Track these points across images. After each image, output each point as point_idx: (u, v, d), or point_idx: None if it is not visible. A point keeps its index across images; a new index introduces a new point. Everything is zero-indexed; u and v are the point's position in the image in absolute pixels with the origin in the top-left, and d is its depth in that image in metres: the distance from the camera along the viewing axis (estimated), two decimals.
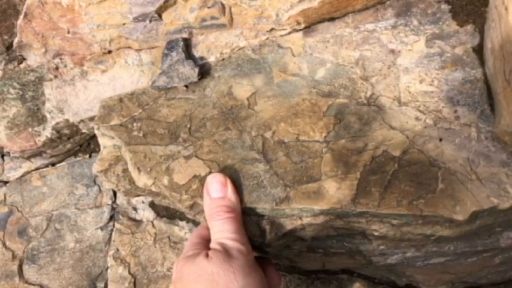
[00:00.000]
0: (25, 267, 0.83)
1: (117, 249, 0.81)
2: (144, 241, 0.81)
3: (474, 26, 0.60)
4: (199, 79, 0.64)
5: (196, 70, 0.64)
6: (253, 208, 0.53)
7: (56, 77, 0.76)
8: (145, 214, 0.84)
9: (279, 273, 0.59)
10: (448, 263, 0.69)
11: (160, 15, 0.65)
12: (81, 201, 0.86)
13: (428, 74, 0.59)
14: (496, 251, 0.66)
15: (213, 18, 0.66)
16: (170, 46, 0.67)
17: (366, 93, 0.60)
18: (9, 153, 0.86)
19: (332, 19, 0.66)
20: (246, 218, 0.54)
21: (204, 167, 0.57)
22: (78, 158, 0.90)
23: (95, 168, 0.65)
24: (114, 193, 0.87)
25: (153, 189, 0.58)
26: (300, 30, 0.67)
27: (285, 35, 0.67)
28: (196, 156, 0.58)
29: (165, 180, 0.56)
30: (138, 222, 0.84)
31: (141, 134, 0.61)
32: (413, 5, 0.64)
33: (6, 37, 0.75)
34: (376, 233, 0.56)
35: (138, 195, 0.74)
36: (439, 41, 0.61)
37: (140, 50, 0.71)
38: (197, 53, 0.68)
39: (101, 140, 0.65)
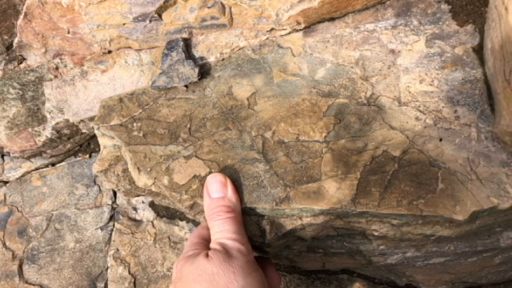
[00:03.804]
0: (25, 267, 0.83)
1: (117, 249, 0.81)
2: (144, 241, 0.81)
3: (474, 26, 0.60)
4: (199, 79, 0.64)
5: (196, 70, 0.64)
6: (253, 208, 0.53)
7: (56, 77, 0.76)
8: (145, 214, 0.84)
9: (279, 273, 0.59)
10: (448, 263, 0.69)
11: (160, 15, 0.65)
12: (81, 201, 0.86)
13: (428, 74, 0.59)
14: (496, 251, 0.66)
15: (213, 18, 0.66)
16: (170, 46, 0.67)
17: (366, 93, 0.60)
18: (9, 153, 0.86)
19: (332, 19, 0.66)
20: (246, 218, 0.54)
21: (204, 167, 0.57)
22: (78, 158, 0.90)
23: (95, 168, 0.65)
24: (114, 193, 0.87)
25: (153, 189, 0.58)
26: (300, 30, 0.67)
27: (285, 35, 0.67)
28: (196, 156, 0.58)
29: (165, 180, 0.56)
30: (138, 222, 0.84)
31: (141, 134, 0.61)
32: (413, 5, 0.64)
33: (6, 37, 0.75)
34: (376, 233, 0.56)
35: (138, 195, 0.74)
36: (439, 41, 0.61)
37: (140, 50, 0.71)
38: (197, 53, 0.68)
39: (101, 140, 0.65)
